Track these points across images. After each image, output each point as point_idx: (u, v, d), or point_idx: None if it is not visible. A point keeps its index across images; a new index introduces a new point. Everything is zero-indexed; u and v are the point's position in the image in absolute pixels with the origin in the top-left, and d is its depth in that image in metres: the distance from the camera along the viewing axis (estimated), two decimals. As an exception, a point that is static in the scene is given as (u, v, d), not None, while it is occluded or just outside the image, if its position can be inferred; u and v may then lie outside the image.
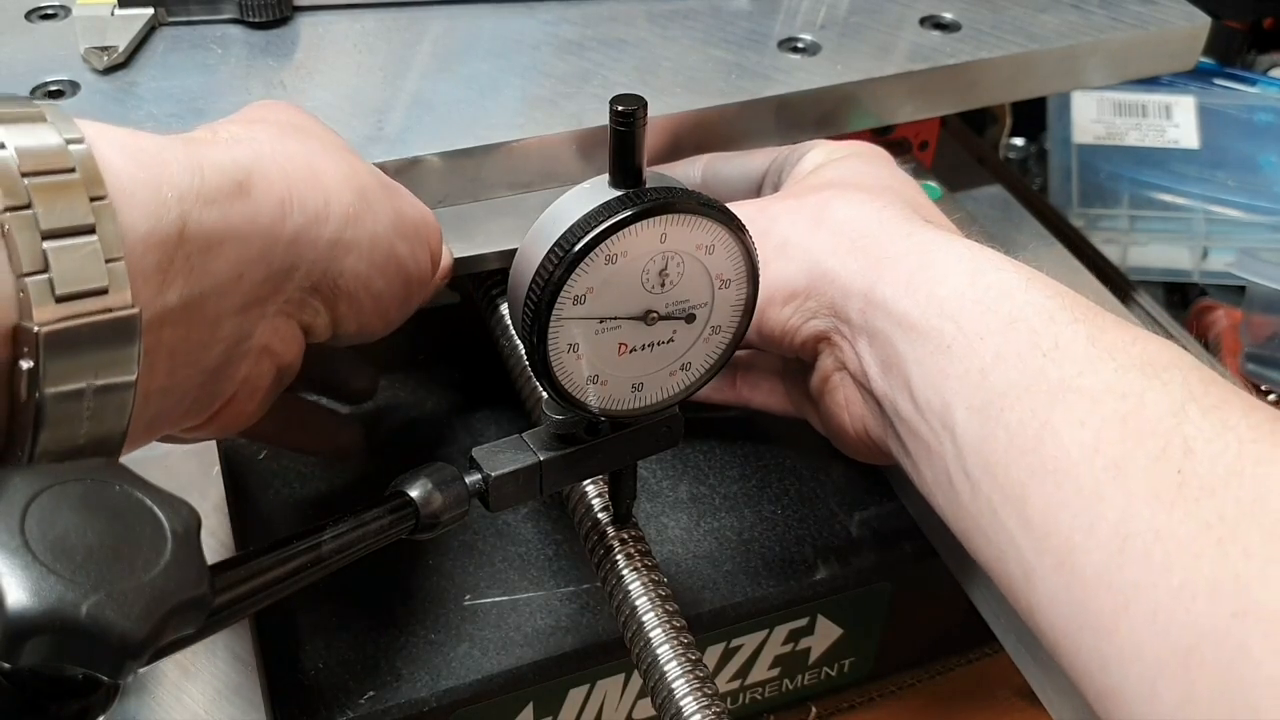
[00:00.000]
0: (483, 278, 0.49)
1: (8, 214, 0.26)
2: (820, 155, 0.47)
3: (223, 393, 0.35)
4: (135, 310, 0.28)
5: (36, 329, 0.27)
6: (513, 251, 0.47)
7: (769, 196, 0.46)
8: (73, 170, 0.28)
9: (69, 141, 0.28)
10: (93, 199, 0.28)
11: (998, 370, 0.34)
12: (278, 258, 0.34)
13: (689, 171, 0.50)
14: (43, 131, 0.28)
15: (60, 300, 0.27)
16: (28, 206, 0.27)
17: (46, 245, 0.27)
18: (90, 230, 0.28)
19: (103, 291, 0.28)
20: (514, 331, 0.37)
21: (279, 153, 0.35)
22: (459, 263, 0.45)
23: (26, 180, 0.27)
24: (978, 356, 0.35)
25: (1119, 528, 0.30)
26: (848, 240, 0.40)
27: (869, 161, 0.46)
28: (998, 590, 0.36)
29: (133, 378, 0.29)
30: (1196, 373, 0.33)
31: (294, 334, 0.37)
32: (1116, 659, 0.30)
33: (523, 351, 0.39)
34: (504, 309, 0.49)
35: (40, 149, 0.28)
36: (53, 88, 0.49)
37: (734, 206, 0.42)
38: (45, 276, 0.27)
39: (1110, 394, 0.32)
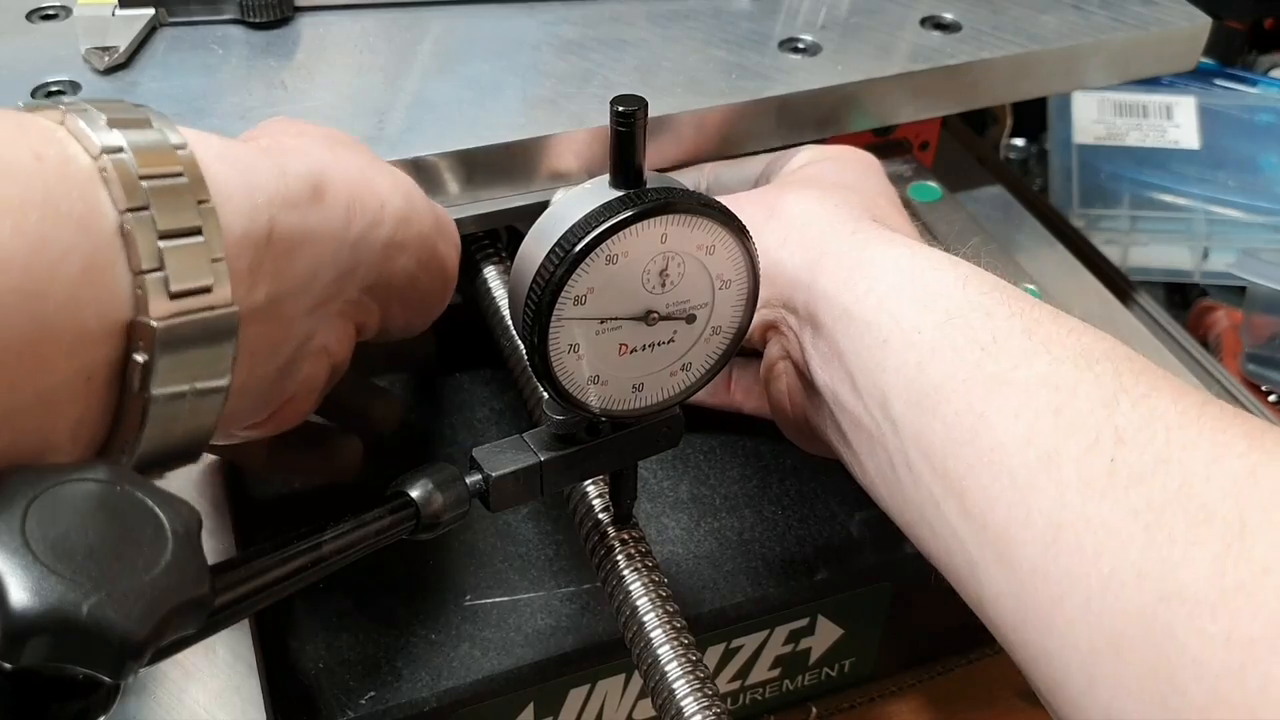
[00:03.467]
0: (466, 242, 0.50)
1: (128, 214, 0.28)
2: (804, 158, 0.48)
3: (285, 391, 0.36)
4: (235, 308, 0.30)
5: (154, 324, 0.28)
6: (497, 214, 0.46)
7: (741, 193, 0.47)
8: (181, 174, 0.29)
9: (175, 146, 0.29)
10: (198, 202, 0.29)
11: (933, 364, 0.35)
12: (344, 259, 0.35)
13: (695, 179, 0.51)
14: (152, 135, 0.29)
15: (174, 297, 0.28)
16: (146, 208, 0.28)
17: (161, 245, 0.28)
18: (198, 231, 0.29)
19: (208, 290, 0.29)
20: (514, 332, 0.37)
21: (339, 161, 0.36)
22: None
23: (144, 183, 0.28)
24: (914, 350, 0.36)
25: (1052, 517, 0.31)
26: (796, 233, 0.41)
27: (845, 164, 0.47)
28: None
29: (228, 371, 0.30)
30: (1129, 363, 0.33)
31: (348, 333, 0.38)
32: (1057, 651, 0.30)
33: (523, 352, 0.39)
34: (488, 273, 0.49)
35: (153, 152, 0.29)
36: (54, 88, 0.49)
37: None
38: (161, 274, 0.28)
39: (1044, 386, 0.33)
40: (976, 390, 0.34)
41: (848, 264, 0.39)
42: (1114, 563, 0.29)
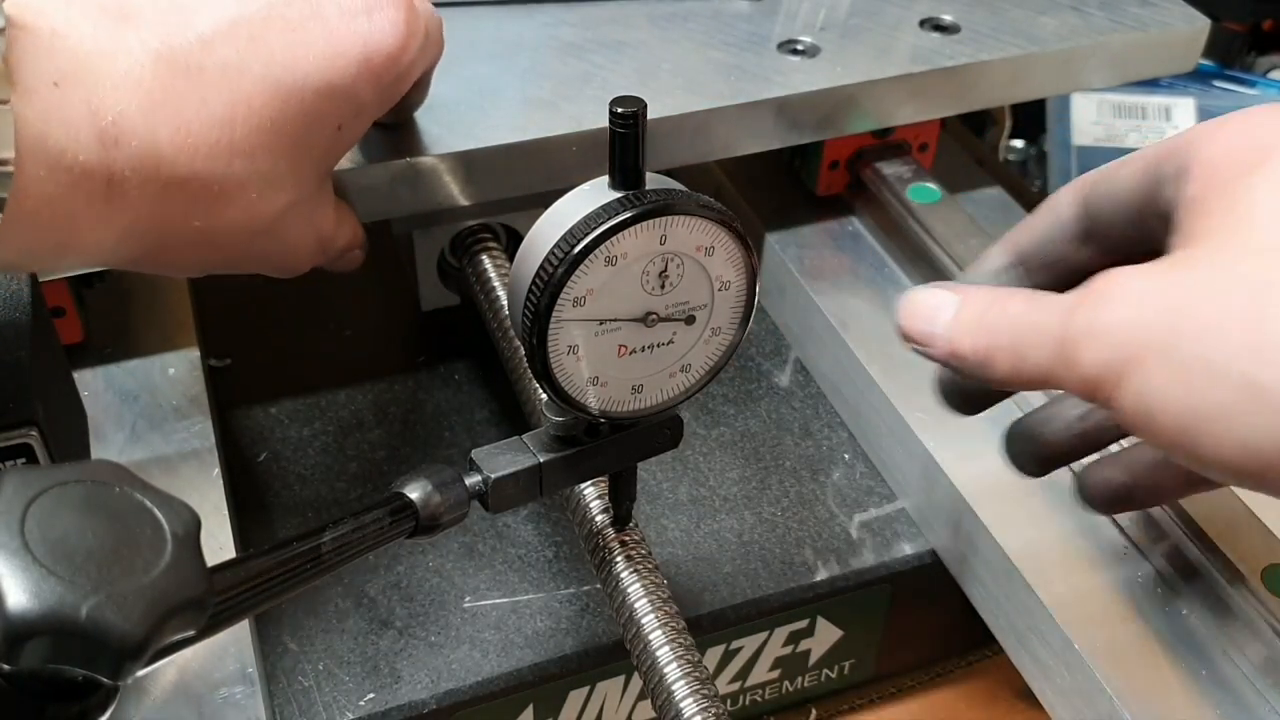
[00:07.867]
0: (462, 235, 0.51)
1: None
2: (1213, 151, 0.31)
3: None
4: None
5: None
6: (479, 208, 0.46)
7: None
8: None
9: None
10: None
11: None
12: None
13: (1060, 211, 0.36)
14: None
15: None
16: None
17: None
18: None
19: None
20: (513, 333, 0.37)
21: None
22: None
23: None
24: None
25: None
26: None
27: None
28: (997, 591, 0.35)
29: None
30: None
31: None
32: None
33: (522, 353, 0.39)
34: (487, 274, 0.49)
35: None
36: None
37: None
38: None
39: None
40: None
41: None
42: None
